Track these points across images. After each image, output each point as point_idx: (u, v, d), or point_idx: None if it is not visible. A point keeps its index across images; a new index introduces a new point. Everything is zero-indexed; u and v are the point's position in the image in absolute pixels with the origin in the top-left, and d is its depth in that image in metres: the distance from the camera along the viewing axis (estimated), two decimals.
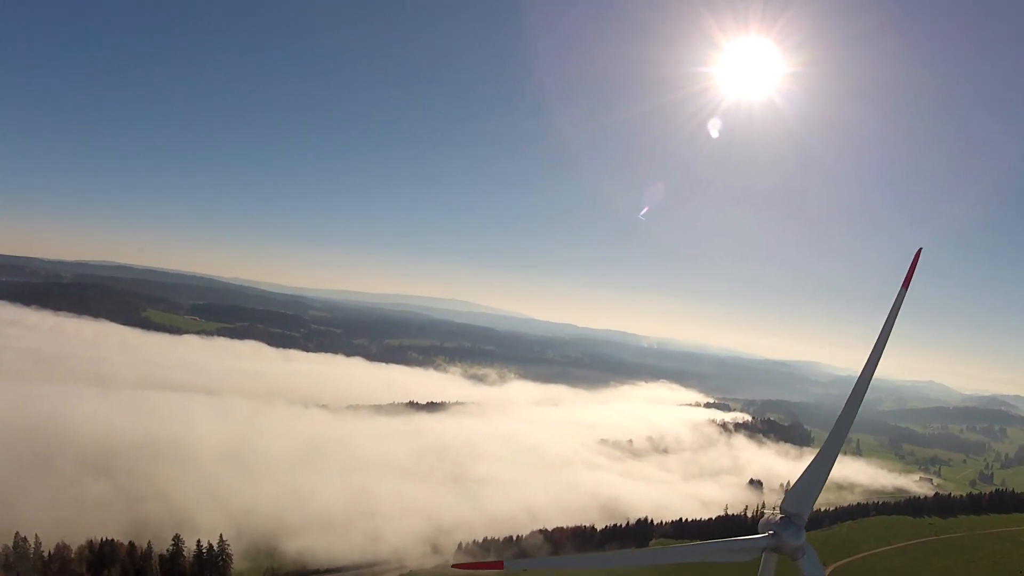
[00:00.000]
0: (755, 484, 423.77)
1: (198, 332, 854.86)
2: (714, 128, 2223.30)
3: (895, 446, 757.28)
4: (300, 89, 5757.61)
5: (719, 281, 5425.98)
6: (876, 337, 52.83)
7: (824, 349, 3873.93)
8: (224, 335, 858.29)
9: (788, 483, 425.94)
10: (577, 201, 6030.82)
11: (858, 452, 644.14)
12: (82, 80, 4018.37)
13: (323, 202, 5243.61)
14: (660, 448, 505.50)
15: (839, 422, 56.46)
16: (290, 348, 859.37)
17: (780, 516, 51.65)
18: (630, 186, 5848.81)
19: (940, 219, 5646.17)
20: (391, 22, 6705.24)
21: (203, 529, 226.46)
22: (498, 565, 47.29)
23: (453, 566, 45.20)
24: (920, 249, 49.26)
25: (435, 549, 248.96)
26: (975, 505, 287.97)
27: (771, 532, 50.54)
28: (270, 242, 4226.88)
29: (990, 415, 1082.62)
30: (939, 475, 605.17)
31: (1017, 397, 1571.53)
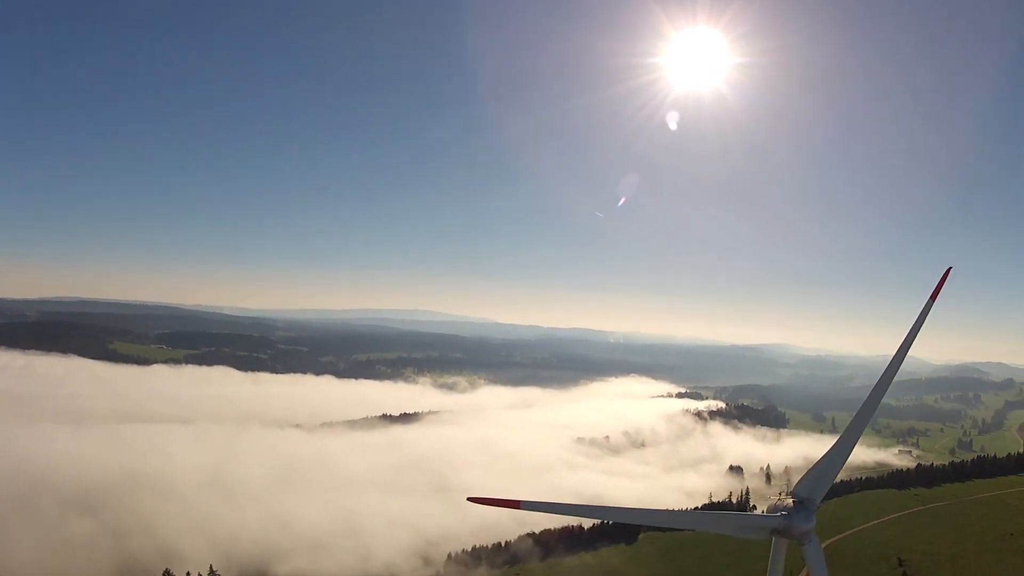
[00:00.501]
0: (735, 470, 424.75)
1: (166, 361, 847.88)
2: (672, 120, 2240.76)
3: (870, 421, 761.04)
4: (249, 112, 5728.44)
5: (681, 273, 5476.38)
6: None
7: (790, 331, 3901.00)
8: (192, 362, 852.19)
9: (767, 466, 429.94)
10: (532, 201, 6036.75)
11: (834, 429, 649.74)
12: (31, 116, 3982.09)
13: (279, 223, 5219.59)
14: (637, 442, 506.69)
15: (859, 415, 57.35)
16: (258, 371, 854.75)
17: (792, 500, 51.75)
18: (584, 182, 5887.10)
19: (895, 200, 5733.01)
20: (323, 31, 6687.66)
21: (191, 561, 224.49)
22: (515, 505, 47.76)
23: (469, 499, 45.91)
24: (949, 268, 50.77)
25: (426, 562, 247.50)
26: (958, 473, 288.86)
27: (783, 513, 51.28)
28: (230, 267, 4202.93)
29: (964, 383, 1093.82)
30: (917, 446, 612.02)
31: (989, 364, 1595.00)
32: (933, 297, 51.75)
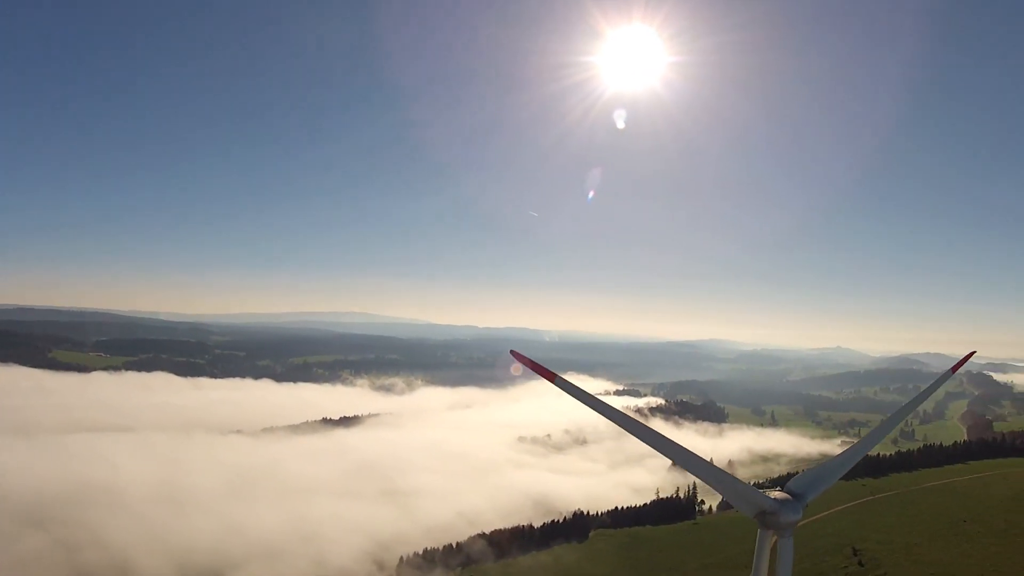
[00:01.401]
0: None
1: (105, 368, 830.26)
2: (619, 119, 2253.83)
3: (811, 414, 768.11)
4: (179, 120, 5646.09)
5: (615, 270, 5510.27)
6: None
7: (727, 327, 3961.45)
8: (131, 368, 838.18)
9: (710, 460, 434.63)
10: (464, 201, 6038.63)
11: (774, 423, 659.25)
12: None
13: (211, 228, 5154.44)
14: (579, 440, 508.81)
15: (874, 433, 59.95)
16: (197, 376, 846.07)
17: (784, 495, 53.72)
18: (517, 181, 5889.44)
19: (825, 194, 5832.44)
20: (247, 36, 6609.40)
21: (146, 573, 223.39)
22: (550, 377, 49.32)
23: (511, 352, 47.68)
24: (973, 351, 53.62)
25: (380, 566, 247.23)
26: (905, 462, 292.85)
27: (776, 499, 53.19)
28: (164, 272, 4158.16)
29: (903, 375, 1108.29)
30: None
31: (928, 354, 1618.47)
32: (954, 370, 54.96)
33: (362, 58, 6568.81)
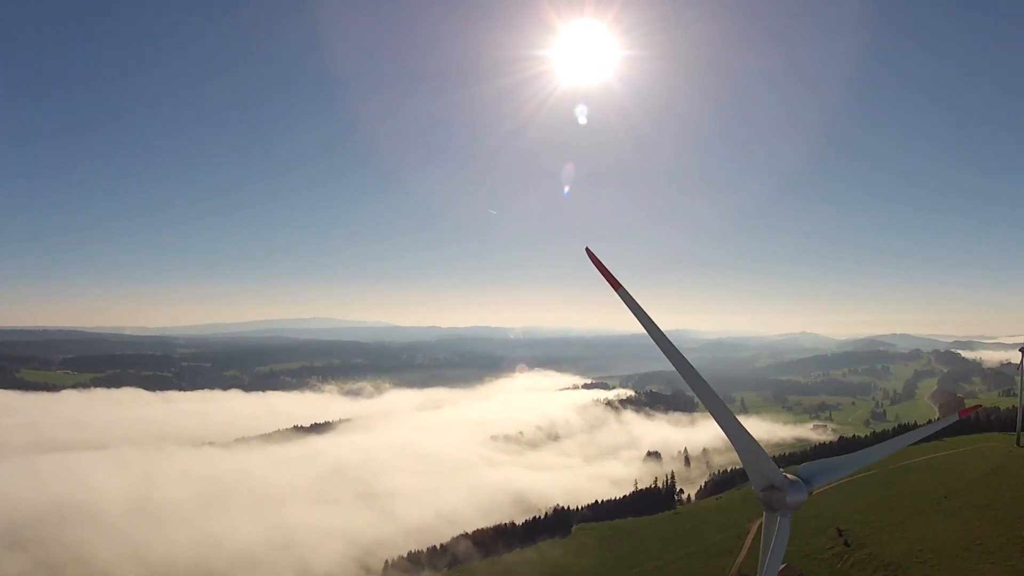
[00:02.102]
0: (654, 456, 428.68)
1: (74, 386, 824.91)
2: (581, 115, 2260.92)
3: (780, 399, 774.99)
4: (132, 128, 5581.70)
5: (572, 264, 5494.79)
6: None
7: (689, 316, 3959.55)
8: (99, 385, 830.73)
9: (685, 450, 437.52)
10: (418, 200, 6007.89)
11: (744, 410, 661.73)
12: None
13: (169, 239, 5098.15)
14: (552, 435, 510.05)
15: (886, 445, 61.69)
16: (165, 389, 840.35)
17: (793, 477, 54.36)
18: (472, 178, 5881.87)
19: (776, 181, 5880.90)
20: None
21: None
22: (616, 285, 51.68)
23: (586, 249, 51.88)
24: (979, 405, 55.64)
25: (366, 570, 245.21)
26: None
27: (787, 477, 54.86)
28: (126, 285, 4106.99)
29: (870, 356, 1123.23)
30: (831, 420, 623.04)
31: (895, 336, 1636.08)
32: (960, 413, 58.27)
33: (307, 58, 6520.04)
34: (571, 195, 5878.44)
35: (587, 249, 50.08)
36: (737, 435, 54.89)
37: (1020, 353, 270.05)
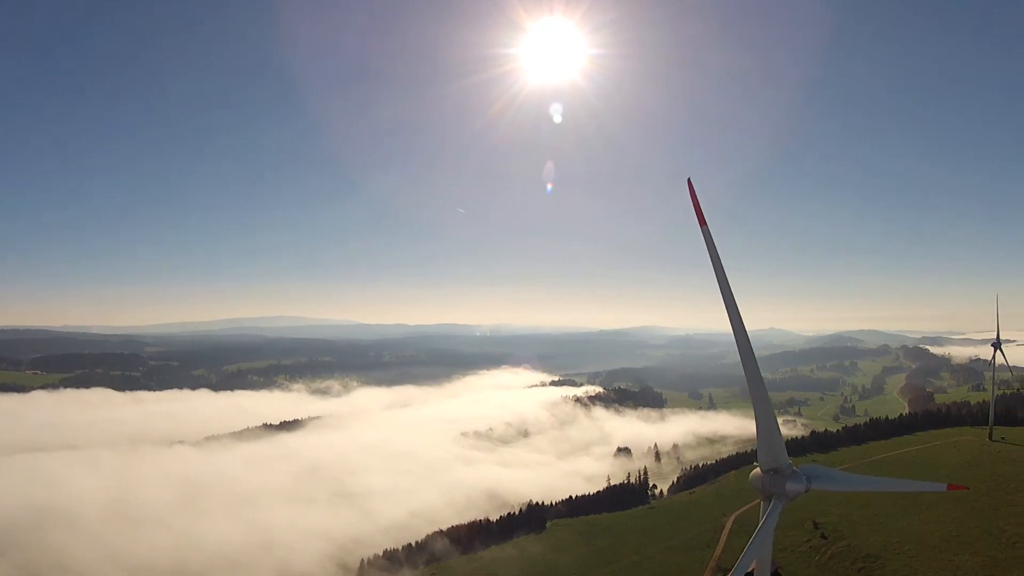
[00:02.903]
0: (624, 451, 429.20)
1: (43, 386, 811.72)
2: (556, 113, 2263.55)
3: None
4: (99, 127, 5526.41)
5: (539, 264, 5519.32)
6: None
7: (655, 314, 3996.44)
8: (68, 385, 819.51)
9: (655, 445, 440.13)
10: (384, 199, 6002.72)
11: (712, 406, 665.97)
12: None
13: (137, 238, 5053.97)
14: (522, 432, 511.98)
15: (889, 482, 64.24)
16: (134, 389, 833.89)
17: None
18: (439, 177, 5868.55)
19: (742, 178, 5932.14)
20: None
21: None
22: (702, 222, 55.91)
23: (688, 180, 52.88)
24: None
25: (345, 569, 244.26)
26: (853, 437, 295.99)
27: (788, 464, 57.33)
28: (93, 284, 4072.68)
29: (838, 352, 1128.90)
30: (800, 415, 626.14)
31: (862, 331, 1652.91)
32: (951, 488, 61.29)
33: (271, 57, 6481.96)
34: (541, 193, 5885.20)
35: (688, 180, 51.77)
36: (764, 412, 57.66)
37: (991, 348, 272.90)
